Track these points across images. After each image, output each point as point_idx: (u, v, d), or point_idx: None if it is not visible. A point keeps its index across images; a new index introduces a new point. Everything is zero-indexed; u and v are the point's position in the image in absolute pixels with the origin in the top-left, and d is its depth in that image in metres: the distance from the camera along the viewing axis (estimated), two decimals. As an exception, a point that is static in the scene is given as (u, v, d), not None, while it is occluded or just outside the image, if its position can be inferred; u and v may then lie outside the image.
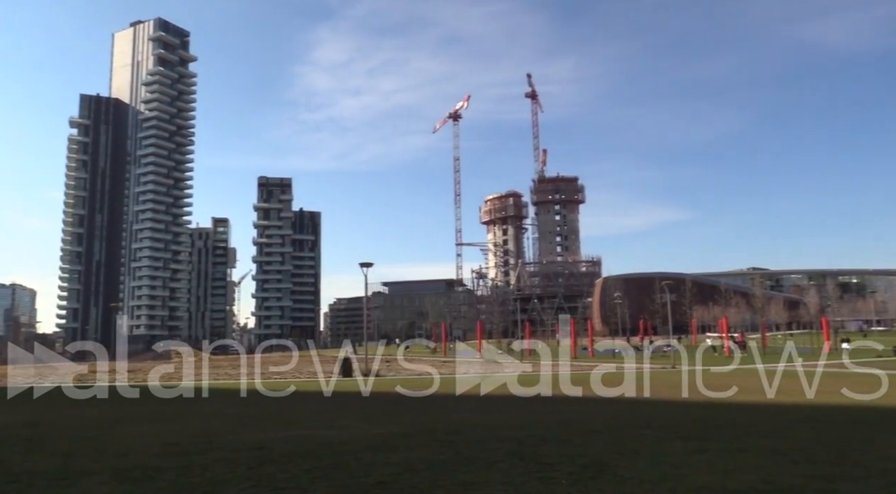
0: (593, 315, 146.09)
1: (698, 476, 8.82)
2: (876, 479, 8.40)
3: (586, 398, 22.13)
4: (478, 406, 20.93)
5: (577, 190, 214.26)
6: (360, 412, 19.79)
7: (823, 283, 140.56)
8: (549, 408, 19.78)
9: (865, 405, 18.50)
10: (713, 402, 20.06)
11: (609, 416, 16.80)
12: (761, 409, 18.32)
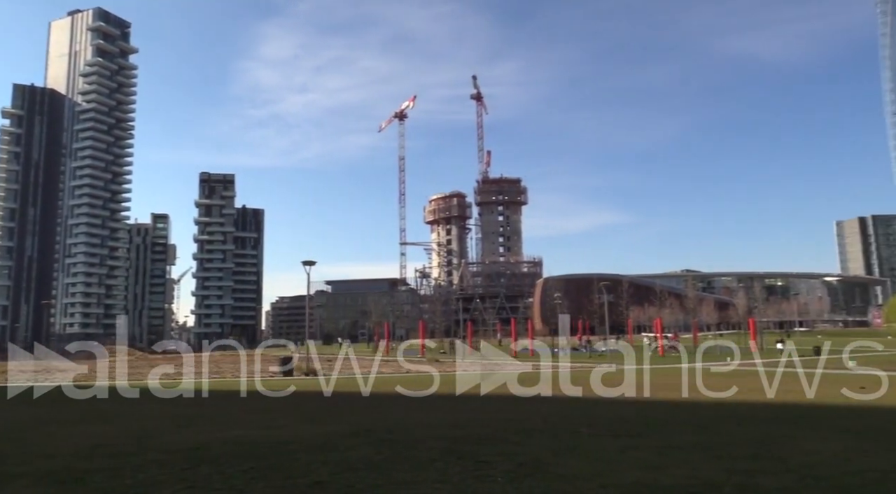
0: (534, 315, 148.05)
1: (630, 472, 9.13)
2: (792, 473, 8.85)
3: (527, 397, 22.46)
4: (419, 405, 21.02)
5: (520, 191, 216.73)
6: (302, 412, 19.62)
7: (751, 285, 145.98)
8: (491, 407, 20.01)
9: (789, 402, 19.35)
10: (649, 401, 20.64)
11: (548, 414, 17.10)
12: (692, 407, 18.95)
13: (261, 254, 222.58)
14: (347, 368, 40.33)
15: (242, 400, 22.98)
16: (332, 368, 40.30)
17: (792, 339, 58.40)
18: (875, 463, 9.42)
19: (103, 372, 34.61)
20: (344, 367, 41.45)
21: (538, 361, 46.27)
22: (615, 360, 41.19)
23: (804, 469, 9.05)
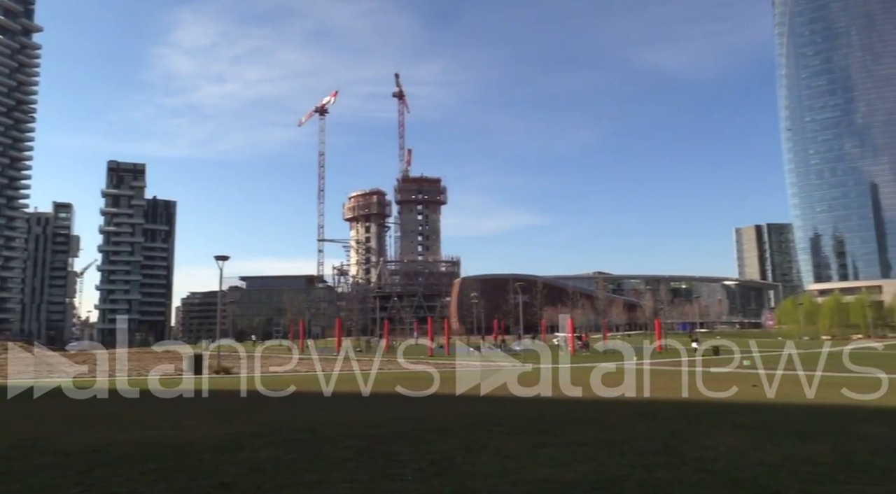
0: (451, 314, 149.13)
1: (538, 469, 9.31)
2: (690, 467, 9.26)
3: (441, 395, 22.58)
4: (336, 403, 20.79)
5: (439, 191, 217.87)
6: (212, 411, 19.03)
7: (658, 288, 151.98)
8: (407, 406, 20.00)
9: (692, 400, 20.24)
10: (560, 399, 21.13)
11: (462, 413, 17.24)
12: (602, 404, 19.53)
13: (172, 248, 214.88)
14: (262, 366, 39.43)
15: (151, 400, 22.06)
16: (245, 366, 39.31)
17: (703, 339, 61.15)
18: (765, 458, 9.97)
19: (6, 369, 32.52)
20: (257, 365, 40.51)
21: (455, 360, 46.57)
22: (530, 360, 41.97)
23: (701, 464, 9.48)
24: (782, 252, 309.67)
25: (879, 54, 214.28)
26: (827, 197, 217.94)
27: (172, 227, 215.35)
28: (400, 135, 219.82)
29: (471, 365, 40.52)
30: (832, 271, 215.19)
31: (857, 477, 8.59)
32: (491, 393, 22.78)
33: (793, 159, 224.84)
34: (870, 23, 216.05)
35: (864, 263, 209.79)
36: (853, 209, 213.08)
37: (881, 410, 17.44)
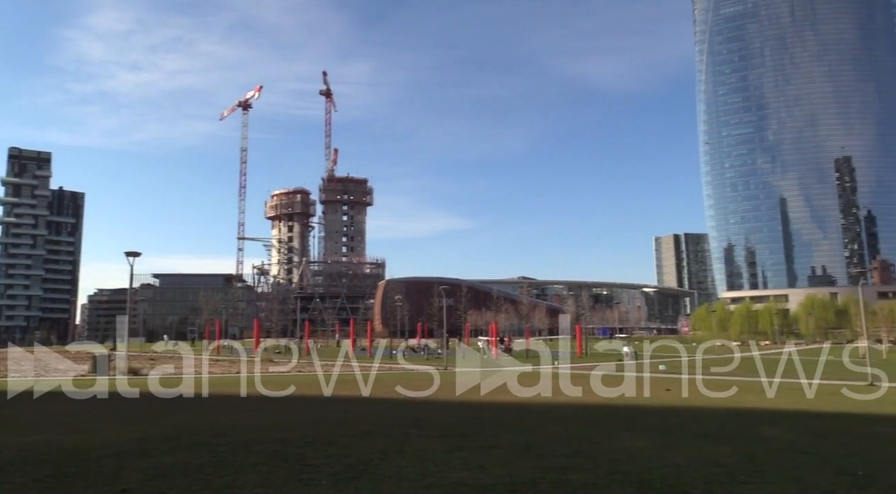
0: (375, 316, 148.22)
1: (455, 472, 9.29)
2: (603, 469, 9.44)
3: (359, 398, 22.35)
4: (252, 406, 20.22)
5: (366, 192, 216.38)
6: (118, 414, 18.18)
7: (580, 293, 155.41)
8: (324, 408, 19.68)
9: (609, 403, 20.71)
10: (480, 402, 21.24)
11: (381, 416, 17.09)
12: (520, 408, 19.74)
13: (79, 242, 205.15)
14: (176, 367, 38.08)
15: (50, 402, 20.91)
16: (155, 367, 37.86)
17: (633, 345, 62.85)
18: (674, 459, 10.26)
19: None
20: (170, 366, 39.10)
21: (377, 363, 46.26)
22: (454, 363, 42.12)
23: (613, 466, 9.67)
24: (699, 261, 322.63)
25: (790, 75, 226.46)
26: (740, 209, 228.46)
27: (80, 220, 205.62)
28: (326, 134, 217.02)
29: (396, 367, 40.34)
30: (744, 280, 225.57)
31: (757, 477, 8.94)
32: (413, 396, 22.68)
33: (710, 172, 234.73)
34: (782, 45, 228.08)
35: (772, 273, 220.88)
36: (764, 221, 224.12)
37: (781, 413, 18.30)
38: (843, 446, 12.05)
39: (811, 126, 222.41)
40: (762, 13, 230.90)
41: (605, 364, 41.44)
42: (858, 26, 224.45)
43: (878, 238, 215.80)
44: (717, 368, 34.95)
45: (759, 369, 33.11)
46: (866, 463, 10.05)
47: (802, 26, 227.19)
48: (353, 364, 43.57)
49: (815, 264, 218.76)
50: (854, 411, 18.60)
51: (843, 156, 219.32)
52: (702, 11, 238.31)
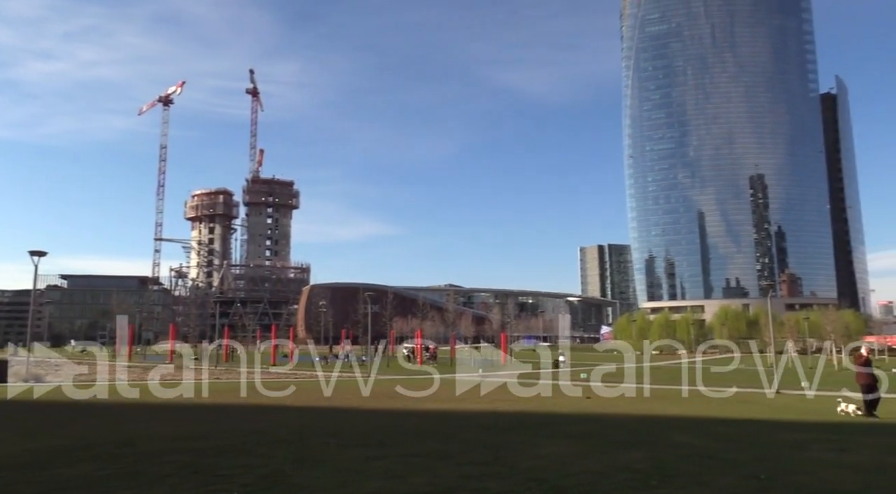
0: (298, 322, 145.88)
1: (373, 481, 9.15)
2: (520, 476, 9.50)
3: (278, 406, 21.86)
4: (165, 415, 19.47)
5: (292, 195, 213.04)
6: (16, 424, 17.14)
7: (506, 302, 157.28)
8: (240, 417, 19.14)
9: (531, 411, 20.92)
10: (402, 410, 21.11)
11: (300, 425, 16.74)
12: (442, 416, 19.72)
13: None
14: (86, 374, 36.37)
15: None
16: (58, 374, 36.05)
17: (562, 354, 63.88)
18: (589, 466, 10.42)
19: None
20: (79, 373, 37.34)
21: (299, 370, 45.49)
22: (380, 370, 41.83)
23: (530, 473, 9.74)
24: (621, 271, 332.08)
25: (710, 94, 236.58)
26: (661, 222, 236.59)
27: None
28: (252, 134, 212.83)
29: (318, 374, 39.73)
30: (663, 291, 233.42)
31: (668, 482, 9.17)
32: (335, 404, 22.37)
33: (633, 185, 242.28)
34: (703, 65, 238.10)
35: (690, 284, 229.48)
36: (683, 234, 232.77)
37: (692, 419, 18.94)
38: (749, 451, 12.54)
39: (728, 143, 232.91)
40: (685, 34, 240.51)
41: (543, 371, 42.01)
42: (772, 51, 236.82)
43: (787, 253, 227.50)
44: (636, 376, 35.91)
45: (684, 377, 34.23)
46: (769, 467, 10.48)
47: (722, 48, 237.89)
48: (272, 371, 42.70)
49: (729, 276, 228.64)
50: (760, 417, 19.43)
51: (756, 174, 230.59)
52: (629, 29, 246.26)
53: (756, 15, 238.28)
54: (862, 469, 10.71)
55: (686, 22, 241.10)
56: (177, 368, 44.35)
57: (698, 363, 56.62)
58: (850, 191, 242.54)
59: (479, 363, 50.71)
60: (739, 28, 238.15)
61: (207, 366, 45.49)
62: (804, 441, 14.20)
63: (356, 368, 47.79)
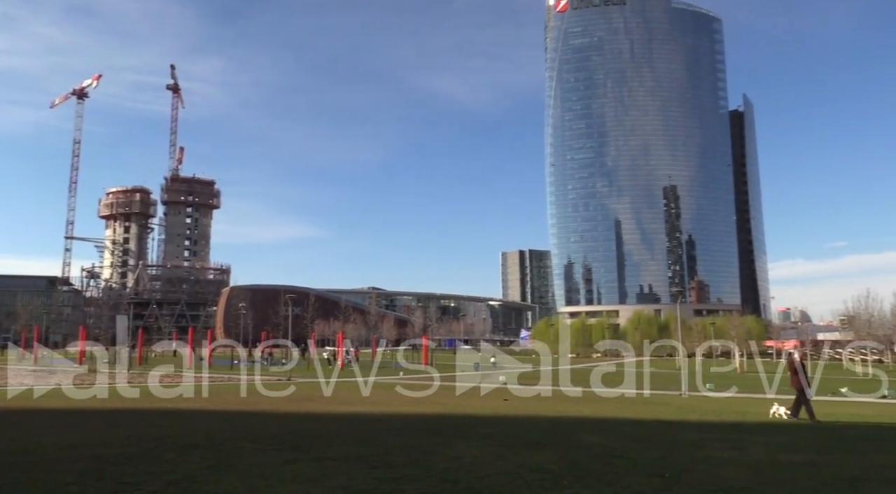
0: (217, 324, 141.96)
1: (286, 486, 9.06)
2: (436, 478, 9.61)
3: (192, 410, 21.27)
4: (70, 421, 18.60)
5: (213, 194, 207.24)
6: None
7: (428, 305, 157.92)
8: (152, 421, 18.50)
9: (448, 413, 21.12)
10: (320, 412, 20.92)
11: (215, 429, 16.35)
12: (360, 419, 19.67)
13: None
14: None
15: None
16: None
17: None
18: (503, 467, 10.66)
19: None
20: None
21: (216, 373, 44.32)
22: (299, 373, 41.24)
23: (446, 475, 9.88)
24: (541, 276, 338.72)
25: (628, 106, 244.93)
26: (580, 229, 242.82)
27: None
28: (172, 131, 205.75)
29: (234, 378, 38.82)
30: (581, 296, 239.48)
31: (578, 482, 9.50)
32: (251, 407, 21.94)
33: (554, 192, 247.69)
34: (622, 78, 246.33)
35: (606, 290, 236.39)
36: (600, 241, 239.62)
37: (604, 420, 19.60)
38: (655, 450, 13.10)
39: (644, 155, 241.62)
40: (606, 48, 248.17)
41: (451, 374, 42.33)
42: (687, 69, 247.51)
43: (696, 261, 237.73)
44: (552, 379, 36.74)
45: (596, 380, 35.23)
46: (672, 466, 11.00)
47: (640, 63, 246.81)
48: (189, 374, 41.44)
49: (643, 283, 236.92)
50: (667, 418, 20.30)
51: (670, 185, 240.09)
52: (553, 41, 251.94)
53: (672, 33, 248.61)
54: (756, 466, 11.38)
55: (607, 37, 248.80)
56: (90, 371, 42.42)
57: (615, 365, 58.46)
58: (754, 203, 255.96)
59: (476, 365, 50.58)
60: (657, 45, 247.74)
61: (123, 369, 43.69)
62: (705, 440, 14.94)
63: (276, 371, 46.93)
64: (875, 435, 17.18)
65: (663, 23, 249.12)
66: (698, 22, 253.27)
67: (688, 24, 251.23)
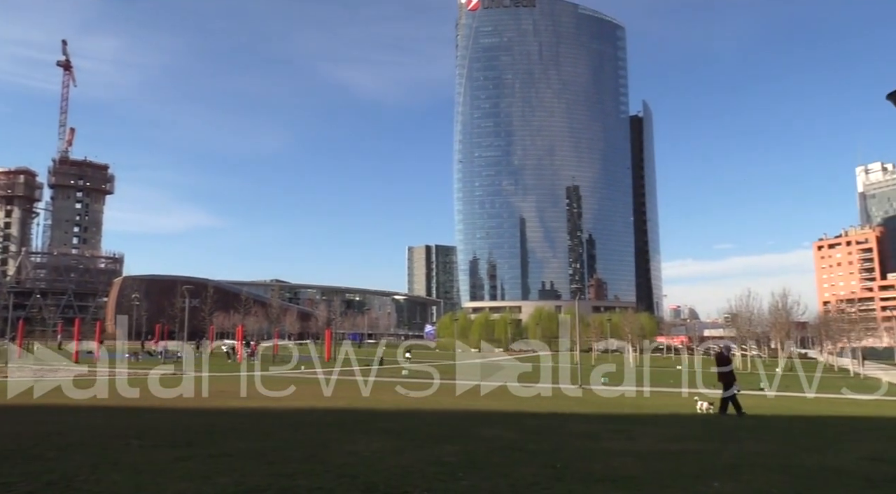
0: (107, 316, 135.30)
1: (175, 483, 8.73)
2: (332, 473, 9.51)
3: (77, 406, 20.14)
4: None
5: (106, 179, 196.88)
6: None
7: (333, 299, 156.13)
8: (33, 418, 17.38)
9: (349, 407, 20.96)
10: (218, 408, 20.30)
11: (100, 425, 15.54)
12: (258, 414, 19.20)
13: None
14: None
15: None
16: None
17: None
18: (401, 460, 10.68)
19: None
20: None
21: (106, 367, 42.12)
22: (192, 367, 39.84)
23: (343, 469, 9.79)
24: (447, 271, 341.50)
25: (535, 107, 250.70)
26: (486, 225, 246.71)
27: None
28: (62, 111, 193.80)
29: (121, 372, 37.02)
30: (485, 291, 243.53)
31: (474, 474, 9.64)
32: (140, 402, 21.01)
33: (461, 189, 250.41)
34: (530, 80, 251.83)
35: (509, 286, 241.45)
36: (505, 238, 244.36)
37: (504, 414, 20.00)
38: (550, 442, 13.48)
39: (549, 155, 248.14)
40: (515, 48, 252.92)
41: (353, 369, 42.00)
42: (591, 73, 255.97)
43: (596, 259, 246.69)
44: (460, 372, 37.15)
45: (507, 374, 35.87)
46: (565, 456, 11.36)
47: (548, 66, 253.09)
48: (73, 368, 39.22)
49: (545, 279, 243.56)
50: (564, 410, 20.95)
51: (573, 185, 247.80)
52: (464, 38, 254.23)
53: (579, 38, 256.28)
54: (644, 455, 11.92)
55: (517, 38, 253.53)
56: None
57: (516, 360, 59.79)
58: (651, 205, 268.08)
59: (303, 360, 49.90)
60: (564, 49, 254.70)
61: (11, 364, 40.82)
62: (599, 431, 15.53)
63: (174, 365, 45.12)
64: (751, 425, 18.36)
65: (570, 27, 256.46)
66: (603, 28, 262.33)
67: (593, 29, 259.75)
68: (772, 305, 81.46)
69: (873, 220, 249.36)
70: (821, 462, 11.47)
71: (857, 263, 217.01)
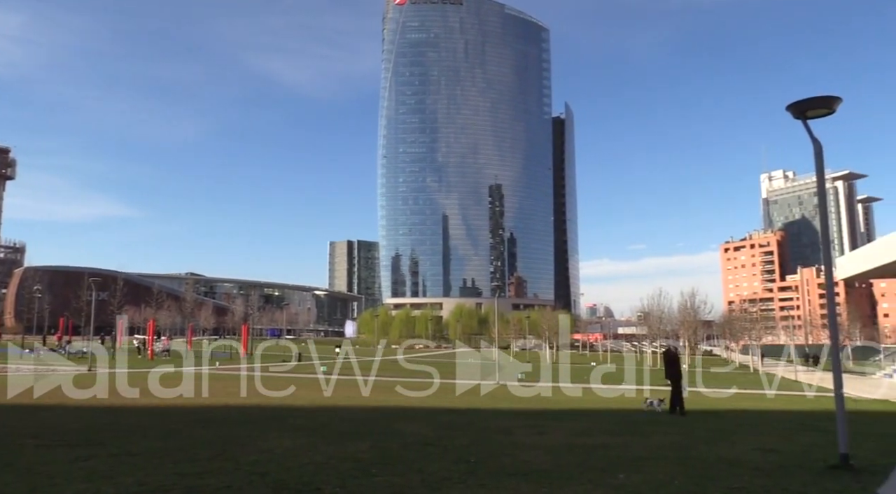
0: (6, 309, 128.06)
1: (73, 484, 8.37)
2: (243, 471, 9.32)
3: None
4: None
5: (6, 163, 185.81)
6: None
7: (250, 293, 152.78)
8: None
9: (261, 403, 20.57)
10: (123, 405, 19.55)
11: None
12: (166, 411, 18.62)
13: None
14: None
15: None
16: None
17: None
18: (314, 457, 10.58)
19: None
20: None
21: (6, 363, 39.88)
22: (98, 363, 38.21)
23: (254, 467, 9.61)
24: (369, 267, 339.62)
25: (460, 106, 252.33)
26: (409, 222, 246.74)
27: None
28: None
29: (22, 368, 35.15)
30: (407, 288, 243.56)
31: (387, 469, 9.66)
32: (39, 400, 19.98)
33: (385, 184, 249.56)
34: (456, 78, 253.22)
35: (431, 282, 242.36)
36: (428, 235, 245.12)
37: (421, 409, 20.10)
38: (466, 437, 13.65)
39: (473, 153, 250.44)
40: (442, 45, 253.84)
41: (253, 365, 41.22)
42: (516, 73, 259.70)
43: (517, 257, 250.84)
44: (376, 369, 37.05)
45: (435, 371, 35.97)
46: (479, 452, 11.52)
47: (473, 64, 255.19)
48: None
49: (466, 277, 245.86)
50: (480, 406, 21.24)
51: (496, 184, 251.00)
52: (390, 33, 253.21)
53: (504, 38, 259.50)
54: (554, 449, 12.23)
55: (443, 34, 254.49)
56: None
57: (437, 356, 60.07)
58: (570, 205, 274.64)
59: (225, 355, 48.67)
60: (489, 48, 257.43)
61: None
62: (512, 426, 15.83)
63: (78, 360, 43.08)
64: (657, 420, 19.13)
65: (497, 26, 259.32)
66: (528, 29, 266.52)
67: (519, 30, 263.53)
68: (681, 304, 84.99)
69: (775, 225, 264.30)
70: (718, 454, 12.08)
71: (759, 265, 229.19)
